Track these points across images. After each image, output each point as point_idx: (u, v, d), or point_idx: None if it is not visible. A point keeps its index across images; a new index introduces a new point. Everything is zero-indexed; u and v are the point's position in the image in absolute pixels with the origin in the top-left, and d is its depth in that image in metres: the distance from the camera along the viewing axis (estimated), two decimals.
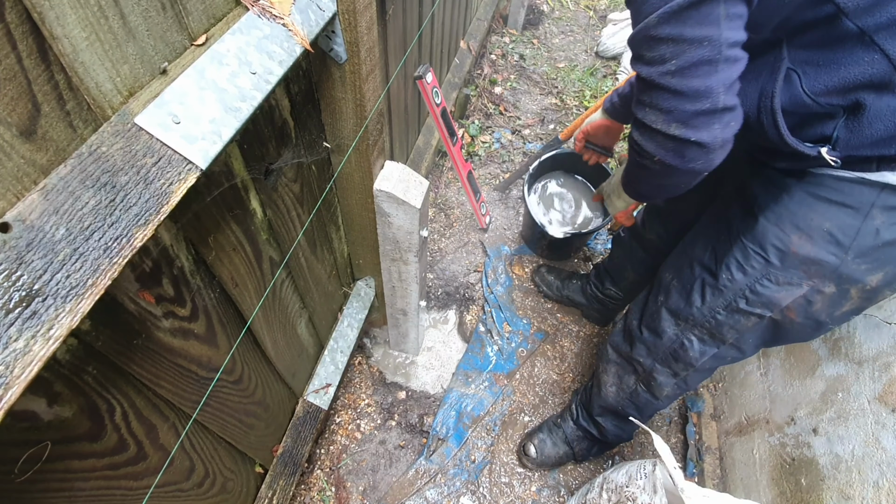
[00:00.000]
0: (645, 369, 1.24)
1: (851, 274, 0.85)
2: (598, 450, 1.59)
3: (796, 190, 0.89)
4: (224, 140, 0.58)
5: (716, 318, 1.04)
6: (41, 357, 0.42)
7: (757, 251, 0.94)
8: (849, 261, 0.84)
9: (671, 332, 1.14)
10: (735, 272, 0.98)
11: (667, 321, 1.14)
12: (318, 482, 1.54)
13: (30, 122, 0.44)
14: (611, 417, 1.45)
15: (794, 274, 0.90)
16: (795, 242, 0.88)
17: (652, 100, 0.74)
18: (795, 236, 0.88)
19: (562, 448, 1.58)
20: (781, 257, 0.91)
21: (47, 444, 0.56)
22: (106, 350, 0.60)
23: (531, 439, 1.62)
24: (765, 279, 0.94)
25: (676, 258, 1.17)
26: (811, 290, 0.90)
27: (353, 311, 1.55)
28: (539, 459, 1.59)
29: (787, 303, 0.93)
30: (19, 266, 0.42)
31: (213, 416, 0.92)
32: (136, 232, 0.49)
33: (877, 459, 1.06)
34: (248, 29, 0.65)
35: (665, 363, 1.19)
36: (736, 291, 0.98)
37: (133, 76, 0.53)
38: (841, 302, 0.90)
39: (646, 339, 1.21)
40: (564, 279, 1.99)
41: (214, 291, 0.81)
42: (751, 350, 1.07)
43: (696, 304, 1.06)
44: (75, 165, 0.47)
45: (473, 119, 2.69)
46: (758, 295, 0.96)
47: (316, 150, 1.03)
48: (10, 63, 0.41)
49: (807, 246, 0.87)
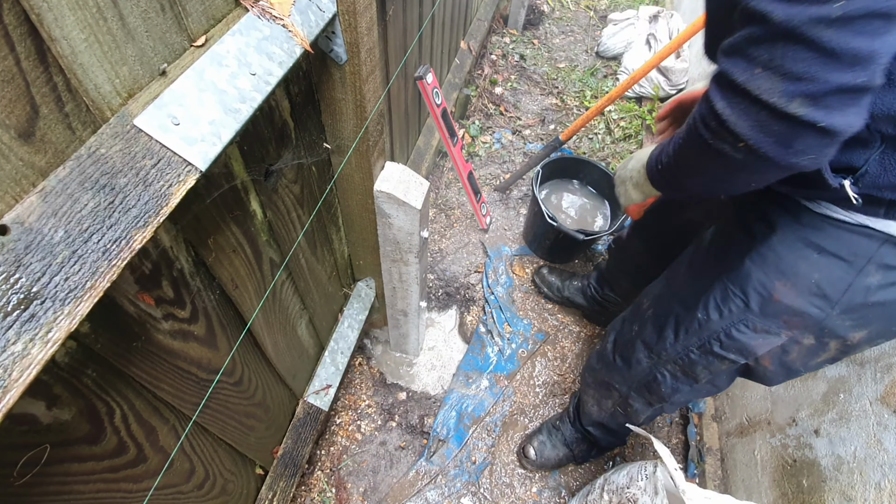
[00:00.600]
0: (621, 395, 1.21)
1: (834, 329, 0.80)
2: (598, 452, 1.59)
3: (788, 232, 0.81)
4: (223, 142, 0.58)
5: (689, 357, 0.99)
6: (40, 360, 0.42)
7: (737, 293, 0.87)
8: (833, 315, 0.78)
9: (644, 364, 1.09)
10: (712, 312, 0.91)
11: (641, 352, 1.09)
12: (318, 483, 1.54)
13: (28, 124, 0.44)
14: (600, 429, 1.46)
15: (774, 323, 0.84)
16: (779, 290, 0.82)
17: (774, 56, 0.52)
18: (780, 283, 0.82)
19: (561, 450, 1.58)
20: (762, 304, 0.84)
21: (46, 446, 0.55)
22: (105, 352, 0.60)
23: (530, 441, 1.62)
24: (741, 324, 0.88)
25: (657, 285, 1.12)
26: (789, 340, 0.85)
27: (353, 312, 1.55)
28: (539, 461, 1.59)
29: (763, 352, 0.88)
30: (17, 268, 0.42)
31: (213, 417, 0.92)
32: (135, 234, 0.49)
33: (879, 461, 1.06)
34: (247, 30, 0.65)
35: (639, 392, 1.16)
36: (710, 333, 0.92)
37: (132, 78, 0.53)
38: (818, 353, 0.86)
39: (620, 367, 1.16)
40: (565, 280, 1.98)
41: (214, 293, 0.81)
42: (724, 386, 1.03)
43: (668, 340, 1.01)
44: (74, 167, 0.47)
45: (474, 119, 2.69)
46: (733, 340, 0.90)
47: (316, 151, 1.03)
48: (9, 65, 0.41)
49: (790, 295, 0.81)
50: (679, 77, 2.68)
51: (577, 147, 2.64)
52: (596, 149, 2.63)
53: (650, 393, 1.12)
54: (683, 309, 0.98)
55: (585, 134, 2.71)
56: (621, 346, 1.17)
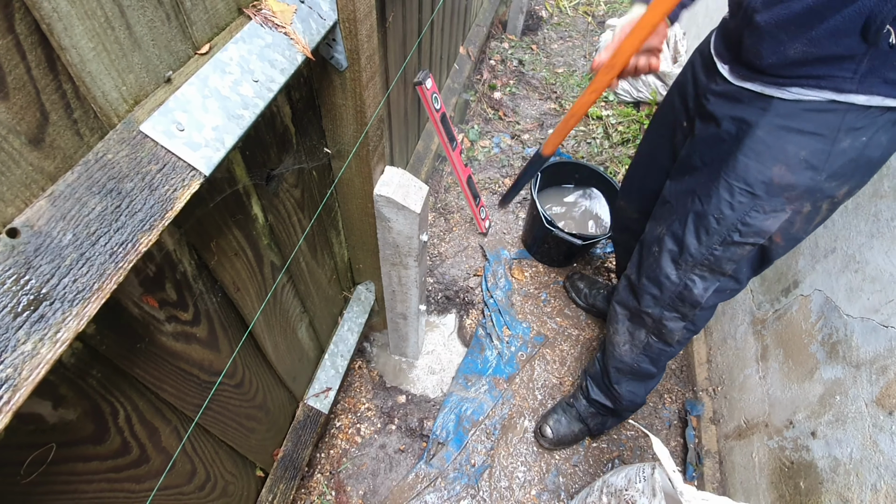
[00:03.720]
0: (654, 319, 1.29)
1: (824, 191, 0.95)
2: (613, 422, 1.65)
3: (768, 125, 0.96)
4: (227, 147, 0.59)
5: (714, 255, 1.10)
6: (48, 360, 0.43)
7: (742, 187, 1.01)
8: (822, 181, 0.94)
9: (674, 277, 1.19)
10: (724, 209, 1.04)
11: (668, 268, 1.19)
12: (318, 486, 1.54)
13: (38, 131, 0.45)
14: (626, 380, 1.49)
15: (778, 201, 0.99)
16: (776, 173, 0.96)
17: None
18: (776, 168, 0.96)
19: (576, 426, 1.64)
20: (766, 189, 0.98)
21: (52, 446, 0.56)
22: (110, 353, 0.61)
23: (546, 421, 1.68)
24: (753, 211, 1.01)
25: (659, 215, 1.23)
26: (793, 212, 0.99)
27: (353, 316, 1.56)
28: (556, 439, 1.64)
29: (775, 228, 1.02)
30: (27, 270, 0.43)
31: (214, 419, 0.93)
32: (141, 237, 0.50)
33: (875, 462, 1.07)
34: (250, 38, 0.67)
35: (672, 308, 1.24)
36: (729, 227, 1.05)
37: (138, 85, 0.54)
38: (814, 217, 1.01)
39: (649, 289, 1.26)
40: (592, 287, 2.04)
41: (216, 296, 0.82)
42: (745, 279, 1.14)
43: (692, 246, 1.12)
44: (82, 172, 0.48)
45: (473, 124, 2.71)
46: (749, 226, 1.03)
47: (317, 155, 1.05)
48: (20, 73, 0.43)
49: (787, 175, 0.95)
50: None
51: (576, 151, 2.66)
52: (594, 153, 2.65)
53: (683, 302, 1.21)
54: (696, 216, 1.10)
55: (584, 138, 2.73)
56: (647, 269, 1.26)
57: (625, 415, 1.61)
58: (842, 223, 1.33)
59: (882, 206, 1.20)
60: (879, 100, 0.85)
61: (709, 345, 1.89)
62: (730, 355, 1.73)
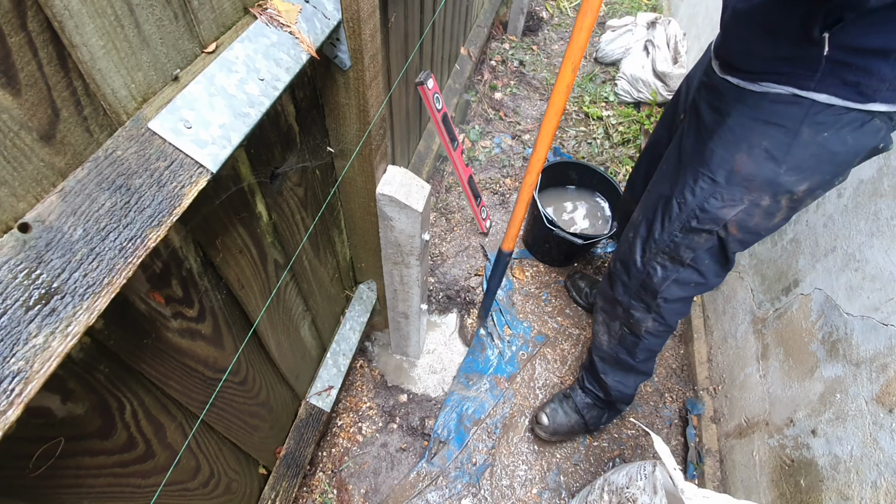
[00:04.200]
0: (623, 308, 1.33)
1: (783, 184, 0.97)
2: (609, 416, 1.66)
3: (738, 114, 0.99)
4: (233, 145, 0.60)
5: (674, 241, 1.14)
6: (59, 353, 0.43)
7: (705, 173, 1.05)
8: (782, 173, 0.96)
9: (639, 263, 1.23)
10: (687, 195, 1.08)
11: (637, 253, 1.23)
12: (320, 485, 1.55)
13: (49, 127, 0.46)
14: (611, 370, 1.51)
15: (737, 190, 1.01)
16: (738, 161, 0.99)
17: None
18: (738, 156, 0.99)
19: (573, 417, 1.65)
20: (727, 176, 1.01)
21: (60, 440, 0.57)
22: (117, 349, 0.62)
23: (543, 409, 1.69)
24: (711, 198, 1.04)
25: (642, 202, 1.26)
26: (750, 203, 1.01)
27: (355, 315, 1.57)
28: (552, 427, 1.65)
29: (730, 217, 1.04)
30: (39, 265, 0.44)
31: (218, 416, 0.93)
32: (149, 233, 0.51)
33: (875, 459, 1.07)
34: (256, 37, 0.67)
35: (638, 297, 1.28)
36: (689, 212, 1.09)
37: (147, 83, 0.55)
38: (774, 213, 1.02)
39: (620, 274, 1.30)
40: (593, 287, 2.04)
41: (221, 293, 0.83)
42: (710, 275, 1.16)
43: (657, 231, 1.16)
44: (92, 168, 0.49)
45: (474, 124, 2.72)
46: (706, 212, 1.06)
47: (320, 154, 1.05)
48: (32, 70, 0.43)
49: (748, 163, 0.98)
50: (677, 82, 2.71)
51: (576, 152, 2.67)
52: (595, 153, 2.65)
53: (645, 291, 1.25)
54: (664, 202, 1.15)
55: (584, 139, 2.73)
56: (621, 252, 1.29)
57: (619, 407, 1.63)
58: (842, 222, 1.34)
59: (882, 204, 1.21)
60: (838, 100, 0.88)
61: (709, 344, 1.90)
62: (730, 354, 1.74)
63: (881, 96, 0.86)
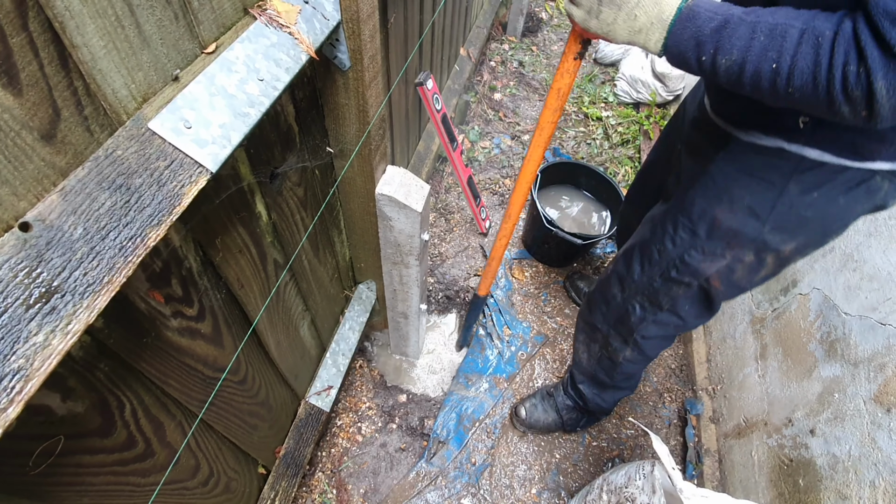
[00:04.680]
0: (602, 335, 1.31)
1: (768, 243, 0.90)
2: (587, 422, 1.66)
3: (723, 163, 0.92)
4: (233, 144, 0.60)
5: (652, 286, 1.10)
6: (59, 351, 0.44)
7: (685, 223, 0.99)
8: (766, 231, 0.88)
9: (619, 298, 1.20)
10: (667, 243, 1.03)
11: (615, 287, 1.20)
12: (319, 484, 1.55)
13: (50, 126, 0.46)
14: (588, 383, 1.51)
15: (718, 245, 0.95)
16: (719, 215, 0.93)
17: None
18: (719, 210, 0.92)
19: (551, 415, 1.66)
20: (707, 230, 0.95)
21: (60, 438, 0.57)
22: (117, 347, 0.62)
23: (523, 403, 1.70)
24: (692, 250, 0.99)
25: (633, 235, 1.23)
26: (733, 259, 0.95)
27: (354, 314, 1.57)
28: (528, 421, 1.67)
29: (712, 272, 0.98)
30: (39, 263, 0.44)
31: (217, 415, 0.94)
32: (149, 232, 0.51)
33: (873, 459, 1.07)
34: (256, 37, 0.68)
35: (616, 329, 1.26)
36: (668, 261, 1.04)
37: (147, 83, 0.55)
38: (759, 269, 0.96)
39: (600, 304, 1.28)
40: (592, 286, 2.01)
41: (220, 292, 0.83)
42: (690, 319, 1.12)
43: (636, 273, 1.12)
44: (92, 168, 0.49)
45: (473, 125, 2.72)
46: (686, 265, 1.01)
47: (319, 154, 1.05)
48: (33, 70, 0.44)
49: (729, 218, 0.91)
50: (676, 83, 2.71)
51: (576, 152, 2.67)
52: (594, 154, 2.66)
53: (622, 325, 1.22)
54: (643, 245, 1.10)
55: (584, 139, 2.74)
56: (602, 283, 1.27)
57: (599, 416, 1.64)
58: None
59: None
60: (832, 157, 0.77)
61: (708, 344, 1.90)
62: (729, 354, 1.74)
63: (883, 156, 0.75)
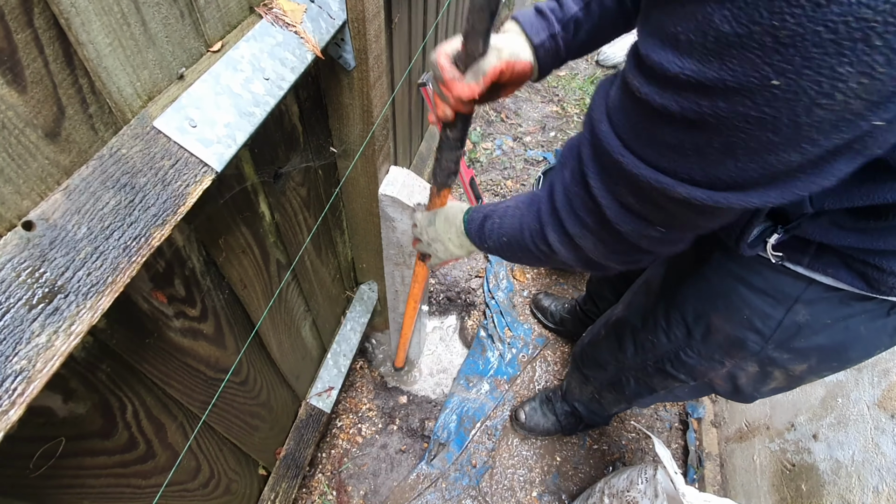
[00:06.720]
0: (595, 389, 1.31)
1: (774, 359, 0.78)
2: (584, 428, 1.67)
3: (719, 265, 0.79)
4: (238, 144, 0.60)
5: (647, 370, 1.02)
6: (62, 352, 0.43)
7: (679, 320, 0.88)
8: (769, 349, 0.77)
9: (612, 368, 1.16)
10: (660, 335, 0.92)
11: (608, 355, 1.15)
12: (319, 486, 1.54)
13: (54, 125, 0.46)
14: (583, 406, 1.53)
15: (716, 351, 0.84)
16: (715, 322, 0.81)
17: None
18: (715, 316, 0.81)
19: (550, 419, 1.66)
20: (703, 333, 0.84)
21: (62, 439, 0.57)
22: (119, 348, 0.61)
23: (523, 407, 1.70)
24: (687, 349, 0.88)
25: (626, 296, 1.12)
26: (734, 367, 0.84)
27: (355, 315, 1.56)
28: (528, 425, 1.67)
29: (712, 375, 0.88)
30: (42, 263, 0.43)
31: (219, 416, 0.93)
32: (154, 232, 0.50)
33: (876, 464, 1.07)
34: (261, 36, 0.67)
35: (609, 390, 1.24)
36: (662, 353, 0.94)
37: (152, 81, 0.55)
38: (766, 381, 0.84)
39: (592, 365, 1.26)
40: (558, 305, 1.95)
41: (223, 293, 0.82)
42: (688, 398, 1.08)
43: (629, 352, 1.05)
44: (97, 167, 0.49)
45: (475, 126, 2.71)
46: (681, 363, 0.91)
47: (323, 154, 1.05)
48: (38, 67, 0.43)
49: (726, 327, 0.79)
50: None
51: None
52: None
53: (616, 392, 1.21)
54: (637, 327, 1.00)
55: None
56: (594, 343, 1.23)
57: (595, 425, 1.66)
58: None
59: None
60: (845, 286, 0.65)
61: None
62: None
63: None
